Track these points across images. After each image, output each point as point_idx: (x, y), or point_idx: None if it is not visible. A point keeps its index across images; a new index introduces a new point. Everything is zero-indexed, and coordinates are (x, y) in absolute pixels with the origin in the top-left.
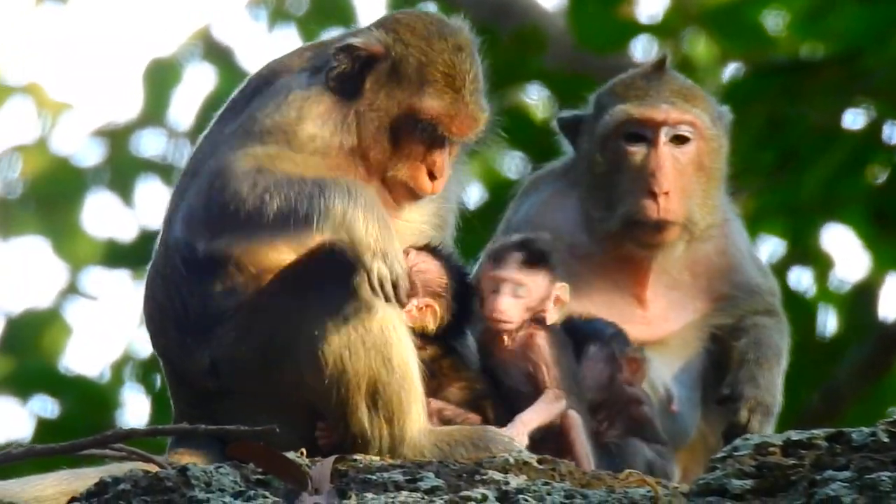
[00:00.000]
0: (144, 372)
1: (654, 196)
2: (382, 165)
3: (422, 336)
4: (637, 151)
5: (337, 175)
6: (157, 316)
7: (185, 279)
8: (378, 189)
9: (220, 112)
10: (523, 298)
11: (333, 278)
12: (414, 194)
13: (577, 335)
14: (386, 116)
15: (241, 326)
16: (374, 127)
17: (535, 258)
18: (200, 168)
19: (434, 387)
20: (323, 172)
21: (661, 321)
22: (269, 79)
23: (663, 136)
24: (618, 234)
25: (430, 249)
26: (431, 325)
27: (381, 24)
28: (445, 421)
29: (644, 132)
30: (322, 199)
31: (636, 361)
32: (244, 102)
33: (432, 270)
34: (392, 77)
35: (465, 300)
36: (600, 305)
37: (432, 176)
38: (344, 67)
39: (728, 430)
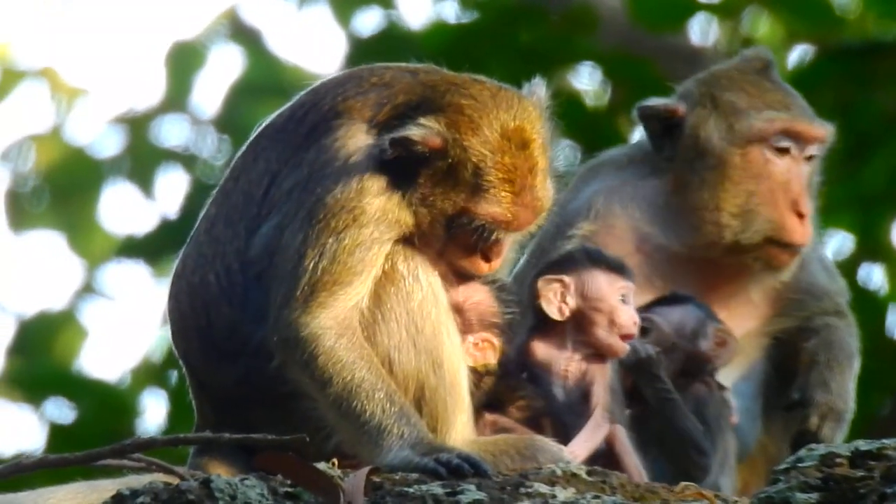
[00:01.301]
0: (161, 370)
1: (801, 218)
2: (436, 250)
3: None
4: (780, 164)
5: (401, 247)
6: (179, 320)
7: (214, 300)
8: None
9: (271, 124)
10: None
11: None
12: (471, 275)
13: (676, 295)
14: (440, 213)
15: (268, 377)
16: (426, 220)
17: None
18: (258, 210)
19: (489, 409)
20: (387, 244)
21: None
22: (330, 120)
23: (808, 152)
24: (738, 246)
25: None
26: (493, 359)
27: (444, 109)
28: (499, 433)
29: (793, 145)
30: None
31: (723, 338)
32: (302, 138)
33: (484, 301)
34: (448, 177)
35: (513, 321)
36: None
37: (488, 260)
38: (397, 156)
39: (797, 437)
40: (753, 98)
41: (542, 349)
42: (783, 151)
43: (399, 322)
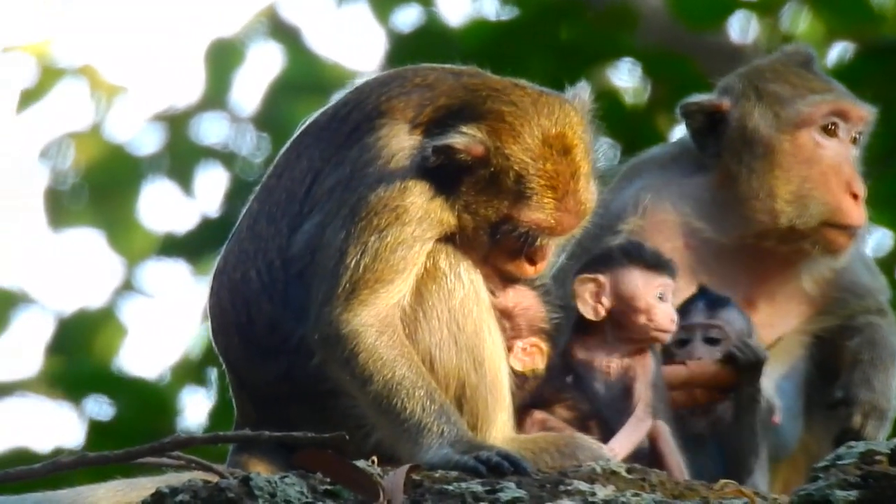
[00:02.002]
0: (200, 367)
1: (856, 198)
2: (481, 255)
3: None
4: (829, 146)
5: (443, 245)
6: (220, 317)
7: (255, 296)
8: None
9: (314, 122)
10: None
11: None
12: (516, 279)
13: (715, 296)
14: (483, 220)
15: (308, 373)
16: (470, 226)
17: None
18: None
19: (533, 408)
20: (429, 243)
21: (765, 327)
22: (374, 120)
23: (854, 132)
24: (795, 232)
25: (523, 281)
26: (541, 364)
27: (485, 116)
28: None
29: (841, 126)
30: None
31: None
32: (345, 136)
33: (533, 306)
34: (490, 185)
35: (559, 324)
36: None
37: (533, 263)
38: (439, 163)
39: (840, 436)
40: (797, 87)
41: (583, 348)
42: (831, 133)
43: (440, 320)
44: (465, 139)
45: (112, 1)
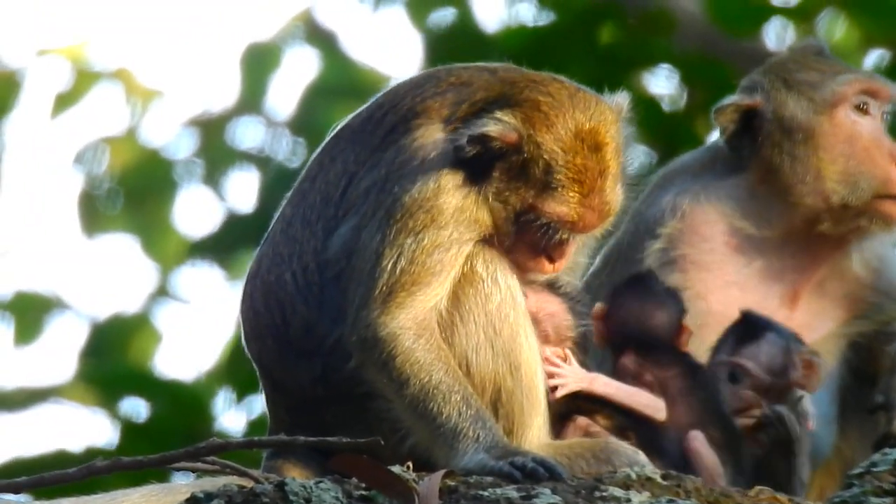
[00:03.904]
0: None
1: None
2: (505, 245)
3: None
4: (864, 122)
5: (480, 248)
6: (253, 320)
7: (290, 299)
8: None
9: (348, 125)
10: None
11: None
12: (535, 273)
13: (751, 324)
14: (511, 208)
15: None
16: (499, 212)
17: None
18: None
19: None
20: (466, 245)
21: (805, 328)
22: (409, 121)
23: (883, 110)
24: (848, 209)
25: (547, 286)
26: None
27: (521, 103)
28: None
29: (871, 103)
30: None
31: (811, 364)
32: (379, 139)
33: (558, 312)
34: (521, 172)
35: (586, 333)
36: (749, 298)
37: (553, 261)
38: (474, 154)
39: (881, 441)
40: (823, 71)
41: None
42: (863, 111)
43: (477, 324)
44: (500, 126)
45: (148, 4)
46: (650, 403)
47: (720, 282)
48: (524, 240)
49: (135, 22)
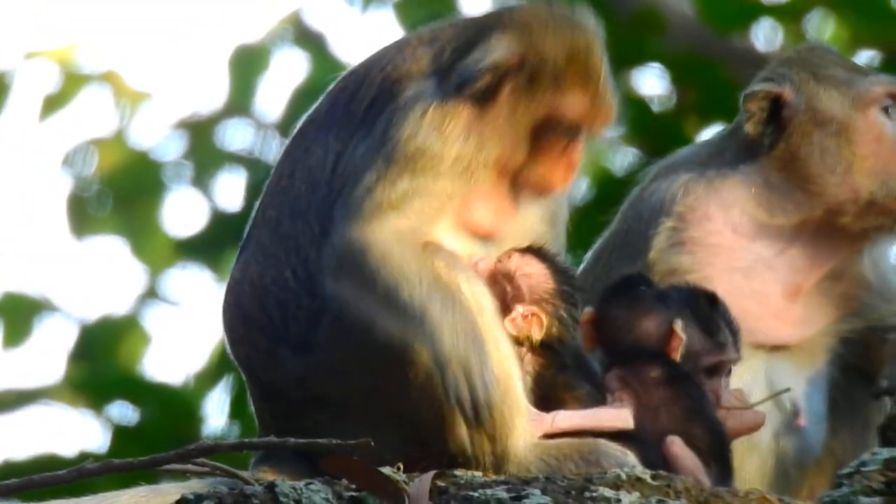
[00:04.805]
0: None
1: None
2: (517, 168)
3: (535, 351)
4: (890, 125)
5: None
6: (242, 326)
7: (293, 295)
8: (503, 187)
9: (310, 119)
10: None
11: (427, 289)
12: (546, 191)
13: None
14: (524, 124)
15: (339, 331)
16: (511, 134)
17: None
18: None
19: (547, 409)
20: (467, 193)
21: (801, 322)
22: (391, 88)
23: None
24: (874, 205)
25: (534, 251)
26: (537, 334)
27: (507, 25)
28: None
29: (892, 107)
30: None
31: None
32: (361, 115)
33: (537, 275)
34: (529, 85)
35: (573, 307)
36: (752, 286)
37: (567, 171)
38: (483, 83)
39: (887, 423)
40: (850, 70)
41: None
42: (888, 114)
43: (444, 336)
44: (501, 52)
45: (136, 7)
46: (613, 418)
47: (726, 267)
48: (540, 154)
49: (123, 24)
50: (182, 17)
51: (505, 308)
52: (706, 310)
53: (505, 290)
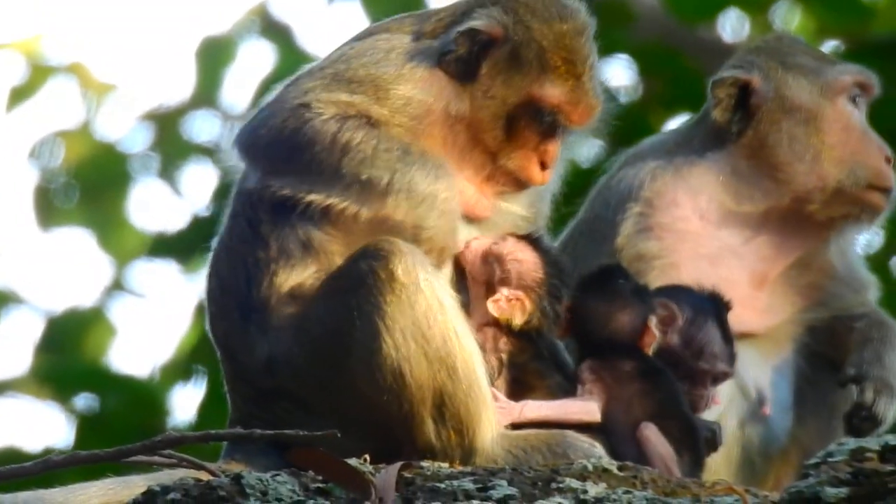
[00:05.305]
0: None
1: (889, 162)
2: (492, 153)
3: (512, 336)
4: (857, 114)
5: (424, 144)
6: (220, 295)
7: (250, 242)
8: (481, 176)
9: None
10: None
11: (383, 287)
12: (521, 184)
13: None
14: (502, 103)
15: (298, 328)
16: (488, 113)
17: None
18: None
19: (516, 394)
20: (409, 138)
21: (767, 311)
22: (365, 36)
23: (866, 104)
24: (841, 194)
25: (530, 240)
26: (518, 319)
27: (496, 2)
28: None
29: (860, 97)
30: (401, 167)
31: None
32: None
33: (529, 262)
34: (511, 62)
35: (557, 301)
36: (718, 273)
37: (543, 166)
38: (462, 52)
39: (853, 411)
40: (818, 59)
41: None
42: (855, 103)
43: (405, 334)
44: (486, 20)
45: None
46: (580, 410)
47: (693, 253)
48: (516, 141)
49: (89, 16)
50: (149, 8)
51: (490, 289)
52: (725, 314)
53: (493, 271)
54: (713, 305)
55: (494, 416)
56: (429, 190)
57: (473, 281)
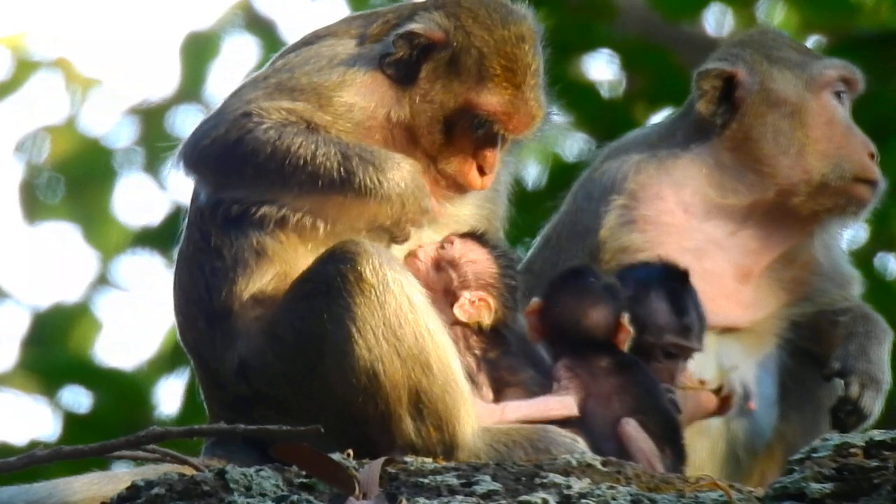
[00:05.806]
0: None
1: (872, 157)
2: (432, 157)
3: (482, 333)
4: (840, 109)
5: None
6: (185, 304)
7: (205, 251)
8: (431, 173)
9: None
10: None
11: (353, 289)
12: (461, 188)
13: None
14: (440, 108)
15: (268, 333)
16: (426, 117)
17: None
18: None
19: (492, 391)
20: (351, 140)
21: (752, 305)
22: (312, 41)
23: (850, 99)
24: (826, 187)
25: (475, 237)
26: (487, 319)
27: (440, 6)
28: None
29: (844, 91)
30: (351, 159)
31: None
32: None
33: (482, 260)
34: (450, 67)
35: (515, 290)
36: (703, 266)
37: (482, 171)
38: (402, 55)
39: (838, 405)
40: (802, 53)
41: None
42: (839, 98)
43: (377, 334)
44: (426, 24)
45: None
46: (558, 406)
47: (677, 247)
48: (454, 146)
49: (74, 11)
50: (133, 3)
51: (451, 295)
52: (678, 286)
53: (450, 278)
54: (663, 278)
55: (473, 410)
56: (379, 176)
57: (429, 289)
